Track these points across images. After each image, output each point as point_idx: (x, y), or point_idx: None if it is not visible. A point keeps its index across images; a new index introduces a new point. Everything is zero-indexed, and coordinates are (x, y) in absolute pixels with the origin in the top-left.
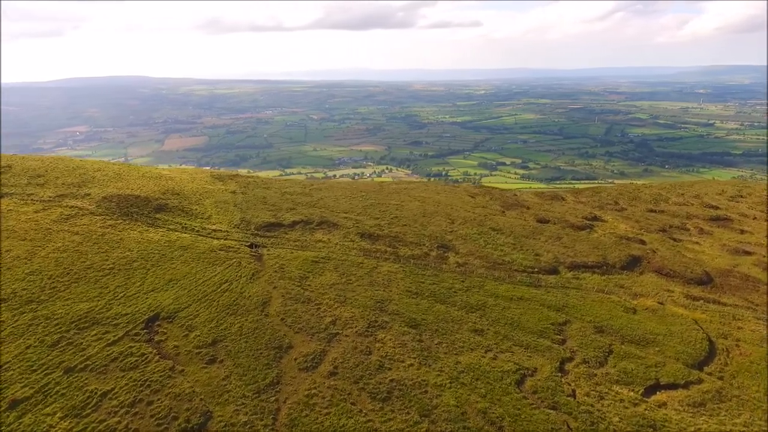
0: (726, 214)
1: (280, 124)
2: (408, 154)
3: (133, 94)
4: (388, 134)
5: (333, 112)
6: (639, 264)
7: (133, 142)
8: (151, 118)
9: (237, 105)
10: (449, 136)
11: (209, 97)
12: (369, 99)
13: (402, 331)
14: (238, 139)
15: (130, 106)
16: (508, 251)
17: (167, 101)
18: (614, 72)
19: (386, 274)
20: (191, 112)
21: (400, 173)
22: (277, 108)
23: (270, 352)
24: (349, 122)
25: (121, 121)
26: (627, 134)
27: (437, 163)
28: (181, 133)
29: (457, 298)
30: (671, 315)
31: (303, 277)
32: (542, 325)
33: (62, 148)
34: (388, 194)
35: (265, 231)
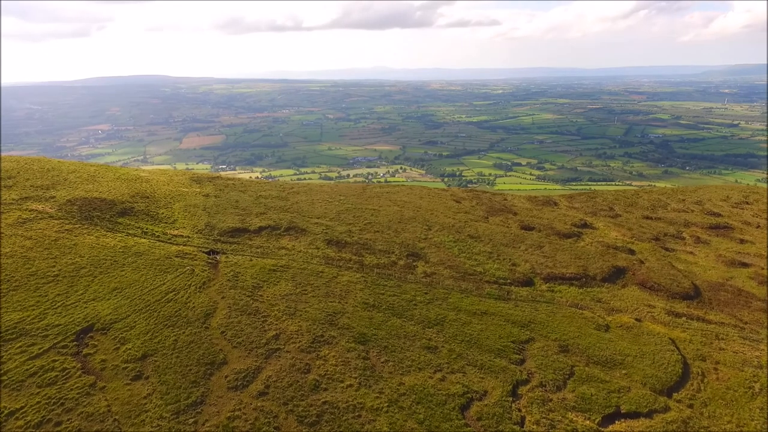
0: (727, 222)
1: (296, 123)
2: (422, 153)
3: (154, 93)
4: (403, 134)
5: (349, 111)
6: (622, 276)
7: (152, 141)
8: (171, 117)
9: (255, 104)
10: (465, 135)
11: (228, 95)
12: (386, 98)
13: (348, 347)
14: (255, 138)
15: (151, 105)
16: (482, 261)
17: (187, 100)
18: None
19: (345, 285)
20: (210, 110)
21: (414, 173)
22: (294, 107)
23: (200, 369)
24: (365, 121)
25: (142, 120)
26: (647, 135)
27: (452, 163)
28: (199, 132)
29: (416, 312)
30: (647, 333)
31: (256, 286)
32: (502, 343)
33: (84, 146)
34: (368, 198)
35: (229, 237)
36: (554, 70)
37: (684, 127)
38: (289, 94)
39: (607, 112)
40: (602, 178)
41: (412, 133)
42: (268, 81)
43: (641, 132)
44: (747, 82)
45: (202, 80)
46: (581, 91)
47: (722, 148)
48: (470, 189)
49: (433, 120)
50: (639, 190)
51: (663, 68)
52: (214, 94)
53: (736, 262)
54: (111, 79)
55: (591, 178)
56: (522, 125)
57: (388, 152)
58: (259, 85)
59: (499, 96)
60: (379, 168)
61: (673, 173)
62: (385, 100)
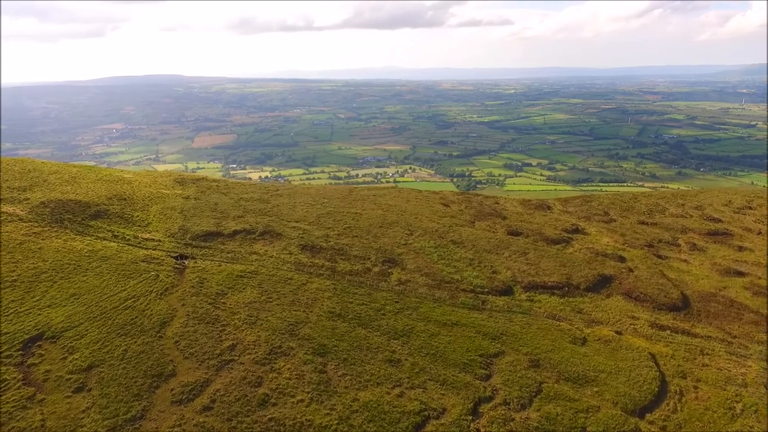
0: (726, 228)
1: (307, 123)
2: (432, 153)
3: (167, 92)
4: (413, 133)
5: (360, 111)
6: (608, 285)
7: (165, 140)
8: (183, 116)
9: (266, 103)
10: (475, 136)
11: (240, 95)
12: (396, 98)
13: (306, 359)
14: (266, 137)
15: (164, 104)
16: (461, 268)
17: (199, 99)
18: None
19: (313, 293)
20: (222, 110)
21: (423, 173)
22: (305, 106)
23: (146, 381)
24: (376, 121)
25: (155, 119)
26: (661, 135)
27: (462, 164)
28: (210, 131)
29: (383, 322)
30: (626, 347)
31: (221, 293)
32: (469, 357)
33: (99, 144)
34: (352, 201)
35: (201, 241)
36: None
37: (699, 127)
38: (300, 93)
39: (620, 113)
40: (614, 179)
41: (422, 133)
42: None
43: (655, 132)
44: (765, 82)
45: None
46: (594, 91)
47: (738, 149)
48: (462, 192)
49: (443, 120)
50: (637, 193)
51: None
52: (226, 93)
53: (731, 271)
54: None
55: (602, 179)
56: (534, 125)
57: (398, 152)
58: (270, 84)
59: (510, 96)
60: (388, 168)
61: (686, 174)
62: (396, 100)
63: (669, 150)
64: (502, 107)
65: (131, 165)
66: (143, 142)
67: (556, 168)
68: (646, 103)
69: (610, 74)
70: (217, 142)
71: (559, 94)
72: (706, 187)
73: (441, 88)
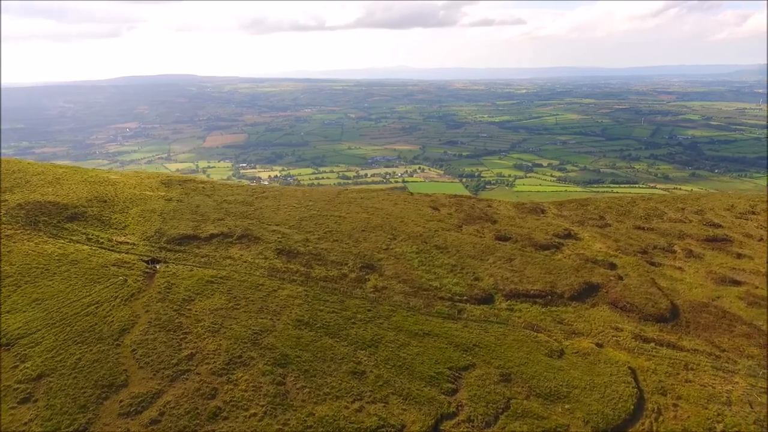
0: (726, 233)
1: (318, 123)
2: (442, 153)
3: (181, 92)
4: (423, 133)
5: (371, 110)
6: (594, 294)
7: (177, 139)
8: (196, 116)
9: (278, 103)
10: (486, 136)
11: (252, 95)
12: (408, 98)
13: (265, 370)
14: (276, 137)
15: (177, 104)
16: (442, 274)
17: (212, 99)
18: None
19: (284, 299)
20: (234, 109)
21: (432, 173)
22: (316, 106)
23: (96, 392)
24: (386, 121)
25: (168, 118)
26: (675, 136)
27: (471, 164)
28: (222, 130)
29: (352, 331)
30: (605, 361)
31: (188, 299)
32: (437, 369)
33: (112, 143)
34: (338, 204)
35: (177, 244)
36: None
37: (714, 128)
38: (312, 93)
39: (634, 113)
40: (625, 180)
41: (432, 133)
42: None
43: (669, 133)
44: None
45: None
46: (608, 90)
47: (755, 150)
48: (454, 195)
49: (454, 120)
50: (636, 197)
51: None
52: (238, 93)
53: (727, 280)
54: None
55: (614, 180)
56: (545, 125)
57: (407, 152)
58: (282, 84)
59: (522, 96)
60: (397, 168)
61: (701, 176)
62: (407, 100)
63: (683, 151)
64: (513, 107)
65: (143, 164)
66: (156, 141)
67: (566, 169)
68: (660, 103)
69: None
70: (228, 142)
71: (571, 94)
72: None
73: (452, 87)
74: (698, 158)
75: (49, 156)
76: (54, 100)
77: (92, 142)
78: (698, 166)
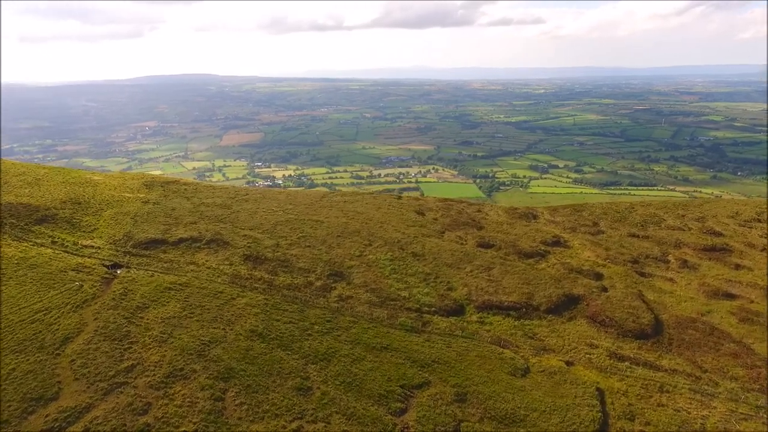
0: (726, 242)
1: (333, 122)
2: (456, 154)
3: (200, 91)
4: (439, 133)
5: (387, 110)
6: (573, 306)
7: (195, 137)
8: (214, 115)
9: (295, 102)
10: (502, 136)
11: (270, 94)
12: (424, 97)
13: (205, 384)
14: (292, 136)
15: (196, 103)
16: (413, 283)
17: (230, 98)
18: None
19: (241, 308)
20: (251, 108)
21: (446, 174)
22: (333, 105)
23: (22, 405)
24: (402, 120)
25: (187, 117)
26: (697, 137)
27: (486, 164)
28: (239, 129)
29: (306, 344)
30: (572, 381)
31: (142, 307)
32: (389, 387)
33: (132, 141)
34: (318, 208)
35: (143, 248)
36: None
37: (738, 129)
38: (328, 92)
39: (654, 114)
40: (644, 182)
41: (448, 133)
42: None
43: (690, 134)
44: None
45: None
46: (628, 91)
47: None
48: (444, 199)
49: (470, 120)
50: (635, 203)
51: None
52: (256, 92)
53: (720, 293)
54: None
55: (631, 182)
56: (562, 126)
57: (422, 152)
58: (300, 84)
59: (540, 96)
60: (411, 168)
61: (722, 179)
62: (424, 100)
63: (705, 153)
64: (530, 107)
65: (161, 162)
66: (174, 140)
67: (583, 170)
68: (682, 103)
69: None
70: (245, 141)
71: (590, 95)
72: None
73: (470, 87)
74: (720, 160)
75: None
76: (78, 99)
77: (113, 140)
78: (720, 169)
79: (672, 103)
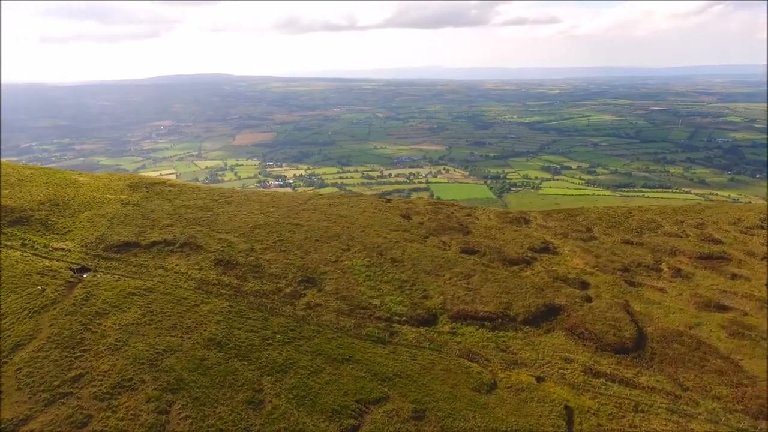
0: (725, 250)
1: (346, 122)
2: (468, 154)
3: (215, 91)
4: (451, 134)
5: (399, 110)
6: (554, 317)
7: (208, 137)
8: (228, 114)
9: (308, 102)
10: (514, 137)
11: (283, 94)
12: (437, 98)
13: (153, 395)
14: (304, 136)
15: (211, 103)
16: (387, 291)
17: (245, 98)
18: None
19: (204, 315)
20: (265, 108)
21: (457, 174)
22: (345, 105)
23: None
24: (414, 120)
25: (201, 117)
26: (715, 139)
27: (497, 165)
28: (252, 129)
29: (265, 354)
30: (539, 399)
31: (101, 313)
32: (344, 402)
33: (147, 140)
34: (301, 211)
35: (114, 252)
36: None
37: (758, 130)
38: (341, 92)
39: (671, 114)
40: (658, 184)
41: (460, 134)
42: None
43: (708, 136)
44: None
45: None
46: (645, 91)
47: None
48: (435, 202)
49: (483, 120)
50: (633, 208)
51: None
52: (270, 92)
53: (712, 304)
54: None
55: (645, 184)
56: (576, 127)
57: (433, 152)
58: (314, 83)
59: (554, 96)
60: (422, 168)
61: (740, 181)
62: (437, 100)
63: (722, 155)
64: (544, 108)
65: (175, 161)
66: (188, 139)
67: (596, 172)
68: (700, 104)
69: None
70: (258, 140)
71: (606, 95)
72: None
73: (483, 87)
74: (739, 162)
75: (87, 152)
76: (95, 99)
77: (128, 139)
78: (738, 171)
79: (690, 104)
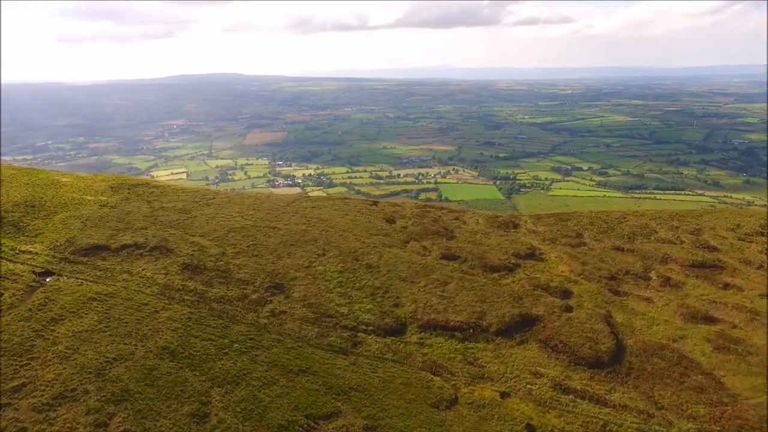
0: (720, 258)
1: (356, 122)
2: (478, 155)
3: (227, 90)
4: (461, 134)
5: (410, 110)
6: (529, 328)
7: (219, 136)
8: (239, 114)
9: (319, 102)
10: (525, 137)
11: (295, 93)
12: (448, 98)
13: (94, 407)
14: (314, 135)
15: (223, 102)
16: (357, 298)
17: (256, 97)
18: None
19: (162, 323)
20: (276, 108)
21: (466, 175)
22: (356, 105)
23: None
24: (424, 120)
25: (213, 116)
26: (730, 140)
27: (507, 166)
28: (262, 128)
29: (219, 364)
30: (500, 416)
31: (57, 318)
32: (292, 417)
33: (159, 139)
34: (281, 214)
35: (82, 255)
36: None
37: None
38: (352, 92)
39: (686, 115)
40: (671, 186)
41: (470, 134)
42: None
43: (723, 137)
44: None
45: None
46: (659, 92)
47: None
48: (423, 205)
49: (494, 120)
50: (627, 213)
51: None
52: (282, 92)
53: (699, 316)
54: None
55: (658, 186)
56: (589, 127)
57: (443, 152)
58: (326, 83)
59: (567, 96)
60: (431, 168)
61: (756, 184)
62: (448, 100)
63: (738, 156)
64: (556, 108)
65: (186, 159)
66: (200, 138)
67: (608, 173)
68: (716, 105)
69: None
70: (268, 140)
71: (619, 95)
72: None
73: (495, 87)
74: (754, 164)
75: (101, 151)
76: (110, 98)
77: (141, 137)
78: (754, 173)
79: (705, 105)
